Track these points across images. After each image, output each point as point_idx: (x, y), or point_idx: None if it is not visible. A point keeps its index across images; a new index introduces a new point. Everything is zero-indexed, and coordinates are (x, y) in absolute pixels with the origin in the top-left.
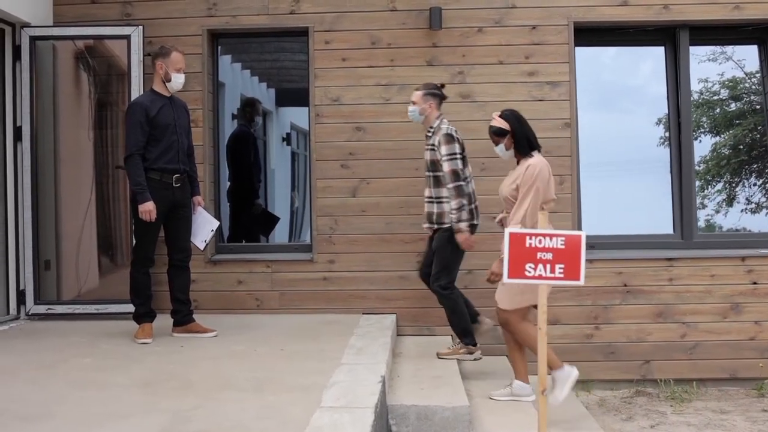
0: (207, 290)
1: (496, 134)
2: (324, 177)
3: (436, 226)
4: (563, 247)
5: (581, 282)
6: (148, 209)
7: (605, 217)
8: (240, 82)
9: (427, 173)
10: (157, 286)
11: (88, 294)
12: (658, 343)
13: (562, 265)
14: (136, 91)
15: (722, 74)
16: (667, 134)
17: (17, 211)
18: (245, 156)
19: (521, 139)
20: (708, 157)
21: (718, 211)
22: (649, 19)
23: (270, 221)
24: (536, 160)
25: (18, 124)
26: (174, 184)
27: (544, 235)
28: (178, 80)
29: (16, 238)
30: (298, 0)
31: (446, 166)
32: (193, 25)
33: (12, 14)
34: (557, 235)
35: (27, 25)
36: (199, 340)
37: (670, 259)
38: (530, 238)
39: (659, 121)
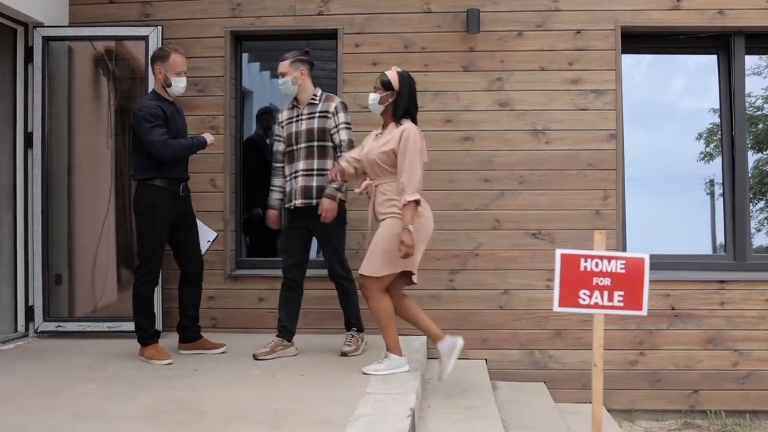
0: (226, 308)
1: (383, 85)
2: (352, 188)
3: (315, 202)
4: (624, 271)
5: (644, 312)
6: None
7: (643, 235)
8: (269, 90)
9: (310, 143)
10: (169, 302)
11: (103, 310)
12: (707, 372)
13: (622, 293)
14: None
15: (766, 88)
16: (707, 149)
17: (27, 221)
18: (251, 164)
19: (401, 105)
20: (750, 174)
21: (759, 230)
22: (702, 25)
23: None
24: (410, 125)
25: (29, 129)
26: (180, 194)
27: (601, 258)
28: (178, 85)
29: (25, 251)
30: (327, 1)
31: (345, 134)
32: (215, 26)
33: (24, 13)
34: (617, 258)
35: (40, 25)
36: (213, 362)
37: (721, 282)
38: (585, 261)
39: (700, 136)
